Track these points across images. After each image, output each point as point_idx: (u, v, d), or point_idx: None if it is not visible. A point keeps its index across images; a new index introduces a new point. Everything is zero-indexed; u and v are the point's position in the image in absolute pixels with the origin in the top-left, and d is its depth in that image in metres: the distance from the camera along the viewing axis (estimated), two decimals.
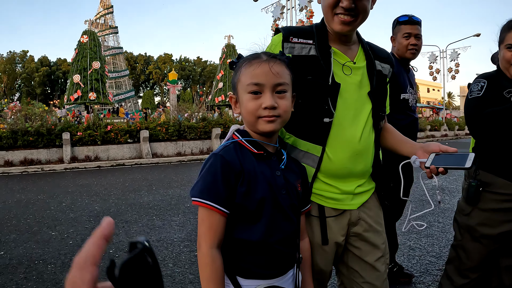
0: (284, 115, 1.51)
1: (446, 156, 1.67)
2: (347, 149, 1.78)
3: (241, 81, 1.51)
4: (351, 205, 1.86)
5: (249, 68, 1.49)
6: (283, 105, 1.49)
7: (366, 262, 1.91)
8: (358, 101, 1.82)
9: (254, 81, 1.46)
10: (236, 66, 1.57)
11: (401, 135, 2.04)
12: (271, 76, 1.46)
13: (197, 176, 1.50)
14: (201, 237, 1.44)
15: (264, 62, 1.47)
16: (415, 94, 3.62)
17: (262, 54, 1.52)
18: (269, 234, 1.47)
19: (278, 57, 1.53)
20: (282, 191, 1.53)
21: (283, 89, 1.49)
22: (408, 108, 3.50)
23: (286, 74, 1.52)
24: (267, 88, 1.46)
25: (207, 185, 1.43)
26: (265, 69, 1.46)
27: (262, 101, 1.46)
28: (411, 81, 3.60)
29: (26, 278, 4.15)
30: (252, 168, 1.48)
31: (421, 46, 3.51)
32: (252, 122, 1.51)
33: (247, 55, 1.57)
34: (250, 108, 1.48)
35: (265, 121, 1.48)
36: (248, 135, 1.56)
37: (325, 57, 1.78)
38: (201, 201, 1.42)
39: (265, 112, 1.46)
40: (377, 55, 1.94)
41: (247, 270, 1.48)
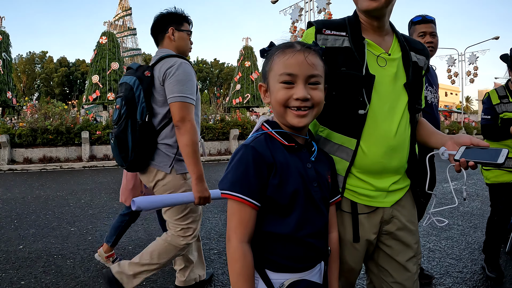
0: (317, 106, 1.48)
1: (477, 150, 1.59)
2: (382, 144, 1.72)
3: (273, 70, 1.48)
4: (385, 203, 1.81)
5: (283, 57, 1.45)
6: (317, 96, 1.46)
7: (397, 261, 1.86)
8: (393, 93, 1.77)
9: (287, 71, 1.43)
10: (268, 54, 1.53)
11: (432, 127, 1.98)
12: (305, 66, 1.43)
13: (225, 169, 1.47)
14: (231, 231, 1.41)
15: (299, 51, 1.44)
16: (436, 93, 3.62)
17: (296, 44, 1.49)
18: (300, 227, 1.45)
19: (313, 48, 1.49)
20: (314, 183, 1.51)
21: (316, 81, 1.46)
22: (427, 105, 3.50)
23: (320, 65, 1.49)
24: (300, 79, 1.43)
25: (238, 177, 1.40)
26: (299, 59, 1.43)
27: (294, 91, 1.43)
28: (430, 79, 3.61)
29: (45, 272, 4.18)
30: (284, 160, 1.45)
31: (437, 43, 3.55)
32: (281, 113, 1.48)
33: (280, 44, 1.52)
34: (281, 97, 1.45)
35: (295, 115, 1.45)
36: (278, 126, 1.53)
37: (359, 48, 1.74)
38: (232, 194, 1.39)
39: (296, 103, 1.43)
40: (412, 47, 1.90)
41: (277, 263, 1.46)
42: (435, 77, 3.75)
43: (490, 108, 3.94)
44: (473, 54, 42.28)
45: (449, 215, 6.56)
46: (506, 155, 1.51)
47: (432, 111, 3.54)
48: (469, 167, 1.55)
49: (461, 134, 1.71)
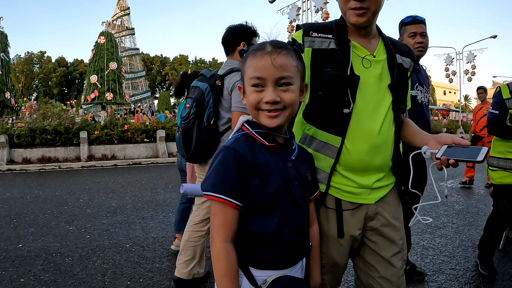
0: (290, 108, 1.49)
1: (458, 149, 1.62)
2: (365, 142, 1.77)
3: (246, 73, 1.50)
4: (368, 200, 1.85)
5: (253, 60, 1.47)
6: (287, 98, 1.46)
7: (382, 257, 1.91)
8: (378, 94, 1.82)
9: (256, 74, 1.44)
10: (244, 56, 1.55)
11: (417, 127, 2.02)
12: (273, 69, 1.43)
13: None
14: (215, 231, 1.43)
15: (267, 54, 1.44)
16: (426, 93, 3.67)
17: (268, 45, 1.49)
18: (282, 225, 1.48)
19: (285, 47, 1.49)
20: (295, 182, 1.54)
21: (287, 82, 1.46)
22: (417, 105, 3.54)
23: (291, 65, 1.47)
24: (269, 82, 1.44)
25: (220, 178, 1.42)
26: (267, 62, 1.43)
27: (264, 95, 1.45)
28: (420, 80, 3.66)
29: (43, 269, 4.24)
30: (265, 160, 1.48)
31: (427, 44, 3.62)
32: (254, 115, 1.51)
33: (256, 44, 1.54)
34: (252, 101, 1.47)
35: (267, 116, 1.47)
36: (258, 127, 1.54)
37: (345, 50, 1.79)
38: (214, 195, 1.41)
39: (266, 107, 1.45)
40: (398, 49, 1.94)
41: (260, 261, 1.49)
42: (425, 77, 3.80)
43: (500, 103, 3.85)
44: (471, 53, 42.29)
45: (444, 213, 6.61)
46: (486, 153, 1.55)
47: (423, 110, 3.58)
48: (450, 165, 1.59)
49: (444, 134, 1.76)
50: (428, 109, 3.68)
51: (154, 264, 4.38)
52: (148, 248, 4.90)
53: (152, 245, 5.01)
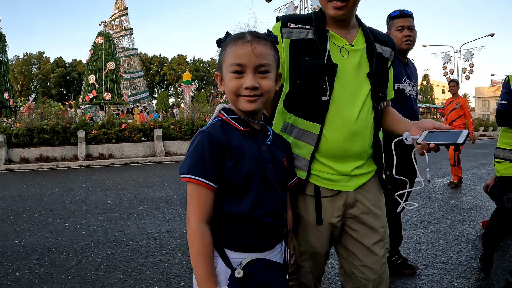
0: (266, 94, 1.54)
1: (439, 133, 1.65)
2: (343, 129, 1.80)
3: (225, 60, 1.55)
4: (347, 187, 1.88)
5: (233, 48, 1.51)
6: (265, 85, 1.52)
7: (363, 245, 1.93)
8: (356, 82, 1.85)
9: (236, 61, 1.49)
10: (222, 44, 1.60)
11: (399, 115, 2.04)
12: (253, 57, 1.48)
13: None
14: (190, 212, 1.47)
15: (247, 42, 1.50)
16: (415, 86, 3.69)
17: (247, 34, 1.54)
18: (256, 207, 1.52)
19: (263, 37, 1.55)
20: (269, 165, 1.58)
21: (265, 70, 1.52)
22: (404, 98, 3.56)
23: (269, 54, 1.54)
24: (249, 68, 1.49)
25: (195, 161, 1.47)
26: (247, 50, 1.48)
27: (244, 81, 1.50)
28: (408, 73, 3.67)
29: (39, 264, 4.28)
30: (239, 144, 1.52)
31: (415, 37, 3.63)
32: (233, 101, 1.56)
33: (234, 34, 1.58)
34: (232, 87, 1.52)
35: (246, 100, 1.52)
36: (234, 113, 1.60)
37: (322, 40, 1.83)
38: (190, 177, 1.46)
39: (246, 92, 1.50)
40: (378, 39, 1.97)
41: (235, 243, 1.52)
42: (414, 71, 3.82)
43: (508, 93, 3.72)
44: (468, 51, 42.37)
45: (438, 209, 6.63)
46: (466, 135, 1.56)
47: (411, 103, 3.61)
48: (431, 149, 1.61)
49: (425, 119, 1.77)
50: (417, 103, 3.70)
51: (147, 258, 4.41)
52: (142, 243, 4.93)
53: (146, 240, 5.04)
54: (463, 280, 3.75)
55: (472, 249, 4.62)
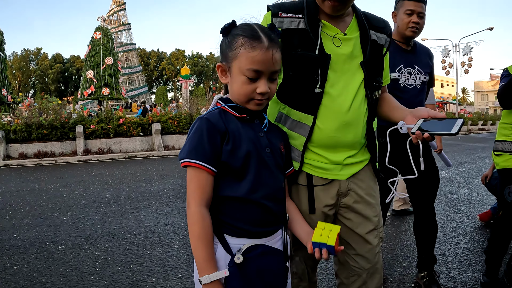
0: (272, 96, 1.60)
1: (434, 122, 1.63)
2: (335, 119, 1.79)
3: (239, 61, 1.51)
4: (340, 176, 1.88)
5: (252, 52, 1.49)
6: (274, 89, 1.57)
7: (357, 234, 1.93)
8: (348, 72, 1.83)
9: (254, 67, 1.49)
10: (230, 36, 1.57)
11: (396, 102, 2.02)
12: (271, 64, 1.50)
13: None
14: (190, 196, 1.48)
15: (267, 50, 1.49)
16: (420, 75, 3.31)
17: (263, 36, 1.52)
18: (255, 189, 1.52)
19: (276, 41, 1.55)
20: (266, 149, 1.59)
21: (276, 76, 1.56)
22: (398, 89, 3.22)
23: (280, 58, 1.58)
24: (265, 75, 1.51)
25: (194, 146, 1.48)
26: (267, 57, 1.49)
27: (258, 85, 1.51)
28: (412, 60, 3.31)
29: (37, 257, 4.30)
30: (237, 129, 1.54)
31: (423, 26, 3.26)
32: (242, 102, 1.57)
33: (245, 28, 1.55)
34: (245, 91, 1.53)
35: (255, 103, 1.56)
36: (231, 102, 1.61)
37: (314, 29, 1.80)
38: (189, 161, 1.47)
39: (259, 97, 1.53)
40: (373, 25, 1.93)
41: (235, 228, 1.53)
42: (424, 57, 3.42)
43: (507, 76, 3.40)
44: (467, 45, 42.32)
45: (436, 202, 6.62)
46: (461, 124, 1.55)
47: (406, 95, 3.25)
48: (425, 138, 1.60)
49: (420, 108, 1.75)
50: (419, 93, 3.33)
51: (145, 251, 4.43)
52: (140, 236, 4.95)
53: (143, 233, 5.06)
54: (460, 272, 3.76)
55: (469, 241, 4.63)
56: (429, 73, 3.39)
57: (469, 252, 4.27)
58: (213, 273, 1.43)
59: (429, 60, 3.44)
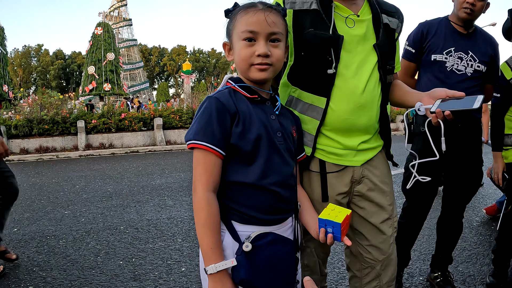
0: (277, 63, 1.51)
1: (453, 101, 1.56)
2: (349, 101, 1.73)
3: (236, 28, 1.51)
4: (354, 162, 1.82)
5: (245, 16, 1.48)
6: (276, 53, 1.49)
7: (371, 223, 1.88)
8: (362, 53, 1.78)
9: (249, 28, 1.46)
10: (231, 14, 1.56)
11: (408, 87, 1.95)
12: (265, 25, 1.45)
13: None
14: (197, 180, 1.41)
15: (260, 10, 1.47)
16: (473, 62, 2.97)
17: (258, 3, 1.51)
18: (265, 175, 1.46)
19: (274, 7, 1.53)
20: (278, 133, 1.52)
21: (276, 38, 1.49)
22: (443, 72, 2.97)
23: (280, 24, 1.52)
24: (261, 36, 1.46)
25: (202, 126, 1.41)
26: (260, 17, 1.45)
27: (256, 48, 1.46)
28: (466, 45, 3.00)
29: (37, 251, 4.25)
30: (247, 110, 1.47)
31: (480, 9, 2.91)
32: (244, 69, 1.51)
33: (244, 3, 1.55)
34: (244, 54, 1.48)
35: (257, 69, 1.48)
36: (242, 82, 1.55)
37: (327, 10, 1.75)
38: (196, 143, 1.40)
39: (258, 60, 1.46)
40: (384, 9, 1.89)
41: (243, 215, 1.46)
42: (483, 44, 3.05)
43: (500, 85, 3.29)
44: None
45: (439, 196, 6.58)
46: (482, 100, 1.48)
47: (448, 79, 2.96)
48: (445, 117, 1.53)
49: (437, 89, 1.68)
50: (468, 80, 2.99)
51: (147, 244, 4.38)
52: (142, 230, 4.90)
53: (146, 227, 5.00)
54: (467, 265, 3.72)
55: (476, 235, 4.58)
56: (486, 62, 3.01)
57: (476, 246, 4.21)
58: (220, 263, 1.36)
59: (490, 49, 3.05)
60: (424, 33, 3.02)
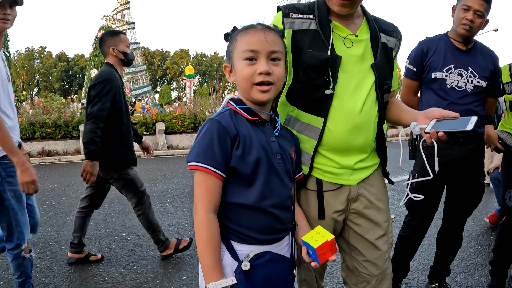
0: (278, 82, 1.54)
1: (447, 121, 1.60)
2: (347, 121, 1.76)
3: (236, 49, 1.54)
4: (350, 180, 1.85)
5: (245, 36, 1.52)
6: (277, 72, 1.52)
7: (366, 240, 1.91)
8: (360, 73, 1.81)
9: (250, 47, 1.49)
10: (230, 37, 1.60)
11: (405, 105, 2.00)
12: (266, 43, 1.49)
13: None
14: (198, 201, 1.46)
15: (260, 30, 1.51)
16: (473, 78, 3.00)
17: (257, 24, 1.56)
18: (263, 197, 1.49)
19: (273, 28, 1.57)
20: (277, 155, 1.56)
21: (277, 57, 1.53)
22: (444, 89, 3.01)
23: (280, 43, 1.56)
24: (262, 54, 1.49)
25: (203, 149, 1.45)
26: (260, 37, 1.49)
27: (257, 67, 1.49)
28: (466, 62, 3.03)
29: (40, 258, 4.30)
30: (247, 132, 1.50)
31: (479, 26, 2.95)
32: (246, 89, 1.54)
33: (243, 26, 1.59)
34: (245, 74, 1.51)
35: (259, 90, 1.51)
36: (242, 103, 1.58)
37: (325, 30, 1.78)
38: (198, 165, 1.44)
39: (260, 78, 1.49)
40: (383, 28, 1.92)
41: (242, 235, 1.50)
42: (483, 60, 3.08)
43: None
44: None
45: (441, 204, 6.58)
46: (475, 122, 1.52)
47: (449, 96, 3.00)
48: (439, 138, 1.57)
49: (432, 108, 1.72)
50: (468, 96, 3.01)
51: (148, 252, 4.42)
52: (144, 237, 4.92)
53: (147, 234, 4.94)
54: (466, 276, 3.74)
55: (474, 245, 4.61)
56: (487, 77, 3.05)
57: (475, 256, 4.24)
58: (220, 280, 1.41)
59: (490, 64, 3.09)
60: (424, 51, 3.07)
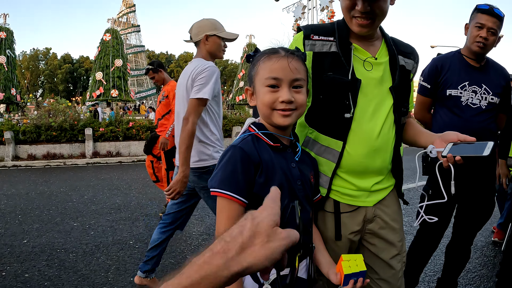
0: (300, 108, 1.55)
1: (464, 146, 1.63)
2: (365, 145, 1.78)
3: (259, 74, 1.55)
4: (367, 202, 1.87)
5: (268, 62, 1.52)
6: (299, 99, 1.53)
7: (381, 259, 1.93)
8: (379, 96, 1.83)
9: (272, 75, 1.50)
10: (253, 60, 1.61)
11: (420, 127, 2.02)
12: (289, 71, 1.50)
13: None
14: (220, 227, 1.47)
15: (283, 57, 1.51)
16: (487, 95, 3.05)
17: (280, 49, 1.56)
18: (285, 224, 1.52)
19: (296, 53, 1.57)
20: (298, 182, 1.57)
21: (299, 84, 1.54)
22: (458, 107, 3.06)
23: (302, 70, 1.56)
24: (285, 82, 1.50)
25: (227, 176, 1.46)
26: (283, 64, 1.50)
27: (280, 95, 1.50)
28: (479, 79, 3.08)
29: (48, 265, 4.30)
30: (270, 159, 1.52)
31: (492, 43, 3.03)
32: (267, 115, 1.55)
33: (265, 49, 1.60)
34: (267, 101, 1.52)
35: (280, 115, 1.52)
36: (264, 128, 1.59)
37: (346, 53, 1.80)
38: (221, 192, 1.45)
39: (282, 106, 1.50)
40: (401, 50, 1.94)
41: None
42: (495, 76, 3.14)
43: None
44: None
45: None
46: (492, 147, 1.54)
47: (464, 113, 3.05)
48: (456, 162, 1.60)
49: (449, 132, 1.75)
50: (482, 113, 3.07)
51: None
52: None
53: None
54: (472, 287, 3.73)
55: (480, 256, 4.60)
56: (499, 94, 3.10)
57: (480, 268, 4.24)
58: None
59: (502, 81, 3.16)
60: (439, 69, 3.11)
